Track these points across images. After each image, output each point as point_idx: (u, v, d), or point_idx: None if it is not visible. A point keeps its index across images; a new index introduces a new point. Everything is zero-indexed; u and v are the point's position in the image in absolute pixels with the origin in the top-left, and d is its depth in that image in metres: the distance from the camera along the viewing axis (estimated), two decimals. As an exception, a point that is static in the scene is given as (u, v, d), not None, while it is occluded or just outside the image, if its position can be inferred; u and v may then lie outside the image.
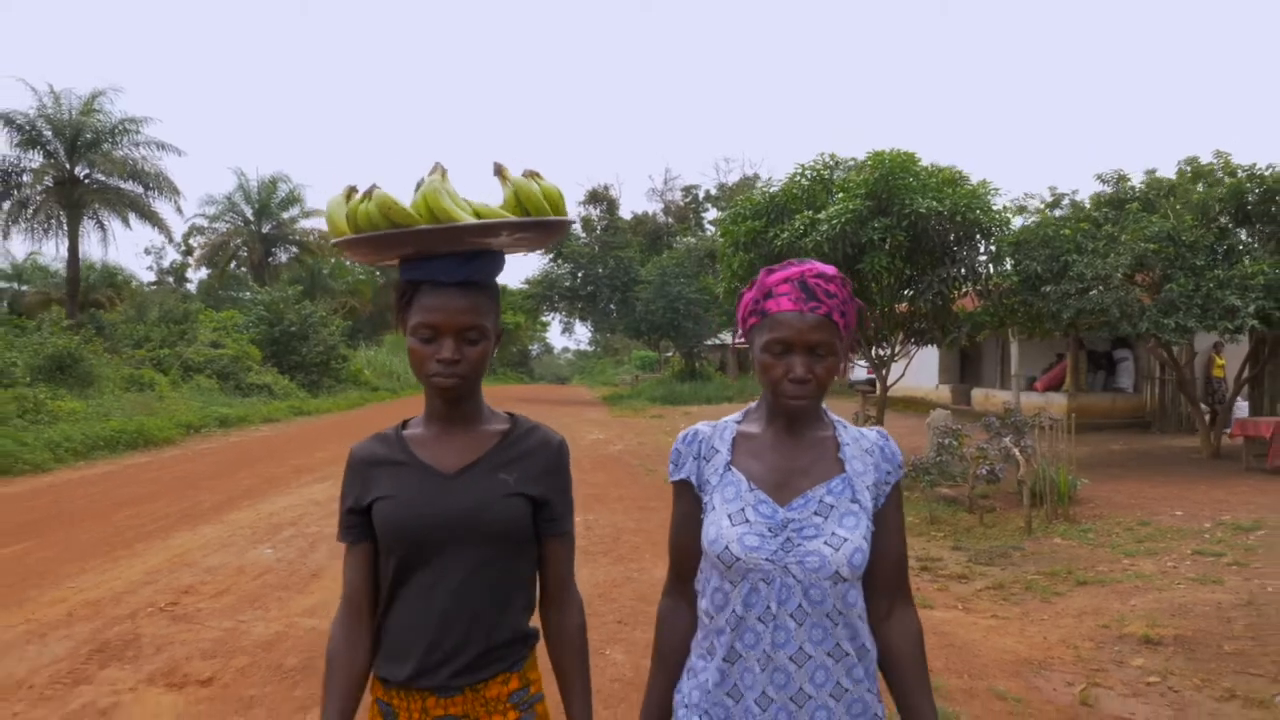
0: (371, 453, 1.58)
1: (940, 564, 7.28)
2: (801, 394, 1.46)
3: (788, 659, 1.45)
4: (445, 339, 1.48)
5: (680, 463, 1.58)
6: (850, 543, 1.44)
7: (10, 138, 23.72)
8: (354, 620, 1.54)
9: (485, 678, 1.52)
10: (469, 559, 1.50)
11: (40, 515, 8.01)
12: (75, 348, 17.49)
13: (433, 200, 1.46)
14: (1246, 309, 10.11)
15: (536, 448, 1.58)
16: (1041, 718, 4.08)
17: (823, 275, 1.50)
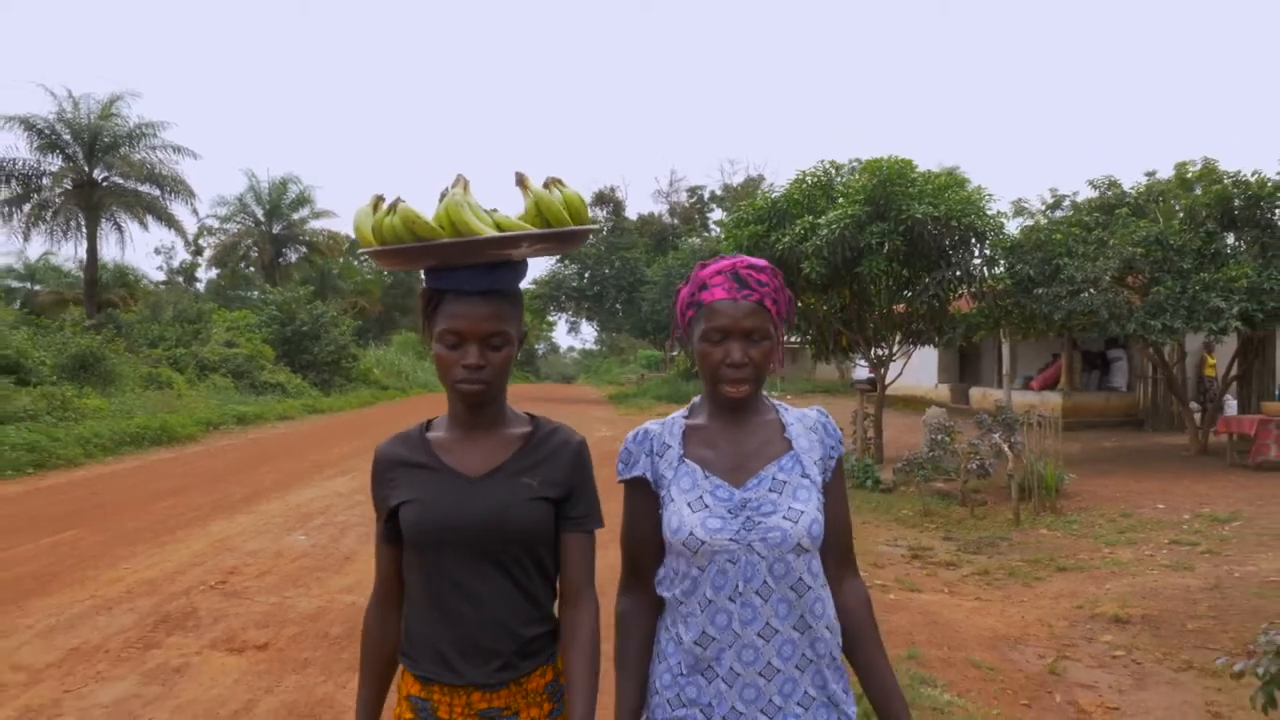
0: (396, 454, 1.62)
1: (931, 553, 7.71)
2: (739, 377, 1.53)
3: (755, 635, 1.50)
4: (470, 345, 1.53)
5: (632, 461, 1.63)
6: (807, 514, 1.51)
7: (30, 141, 24.26)
8: (386, 607, 1.63)
9: (527, 671, 1.57)
10: (499, 561, 1.55)
11: (81, 506, 8.48)
12: (97, 347, 18.00)
13: (455, 214, 1.51)
14: (1230, 310, 10.52)
15: (558, 449, 1.62)
16: (1011, 684, 4.52)
17: (753, 266, 1.57)
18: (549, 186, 1.59)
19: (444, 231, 1.50)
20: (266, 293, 32.29)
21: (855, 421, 12.98)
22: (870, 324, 12.70)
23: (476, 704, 1.55)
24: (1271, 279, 10.71)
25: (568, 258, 33.58)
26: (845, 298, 12.75)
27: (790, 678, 1.51)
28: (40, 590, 5.31)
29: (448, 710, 1.55)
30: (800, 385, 31.25)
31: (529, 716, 1.58)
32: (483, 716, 1.56)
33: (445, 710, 1.56)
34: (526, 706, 1.58)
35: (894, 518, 9.21)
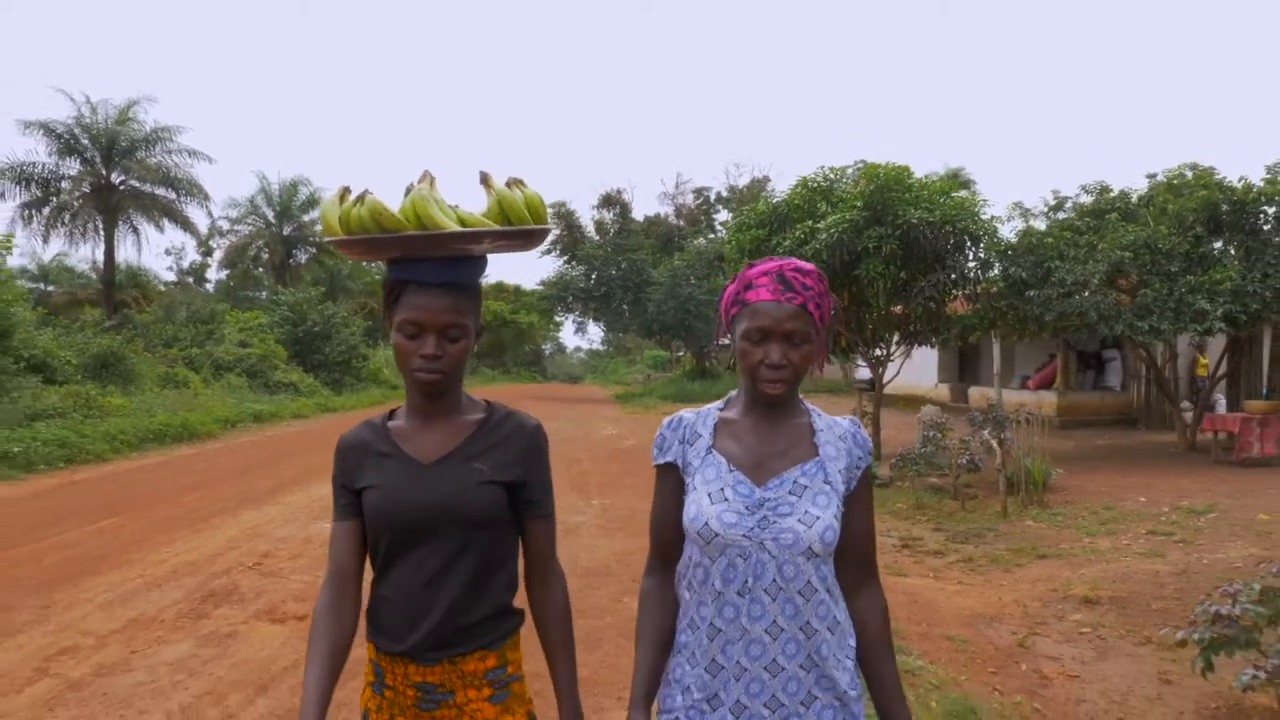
0: (360, 440, 1.69)
1: (920, 542, 8.14)
2: (777, 378, 1.56)
3: (763, 631, 1.53)
4: (428, 336, 1.58)
5: (665, 447, 1.68)
6: (822, 520, 1.53)
7: (50, 146, 24.84)
8: (340, 591, 1.64)
9: (463, 652, 1.61)
10: (448, 543, 1.60)
11: (115, 498, 8.97)
12: (117, 347, 18.53)
13: (420, 208, 1.56)
14: (1215, 312, 10.92)
15: (511, 434, 1.67)
16: (982, 655, 4.94)
17: (800, 270, 1.60)
18: (511, 186, 1.65)
19: (409, 224, 1.55)
20: (277, 293, 32.80)
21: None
22: (869, 325, 13.11)
23: (413, 675, 1.61)
24: (1255, 282, 11.10)
25: (575, 259, 34.03)
26: (844, 299, 13.15)
27: (794, 676, 1.54)
28: (93, 570, 5.78)
29: (392, 678, 1.63)
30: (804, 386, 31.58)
31: (466, 697, 1.63)
32: (419, 689, 1.61)
33: (390, 678, 1.63)
34: (463, 687, 1.62)
35: (888, 510, 9.62)
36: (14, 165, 24.58)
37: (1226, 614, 3.98)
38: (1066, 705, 4.30)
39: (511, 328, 51.73)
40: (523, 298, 50.99)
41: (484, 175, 1.67)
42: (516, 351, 55.44)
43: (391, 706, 1.63)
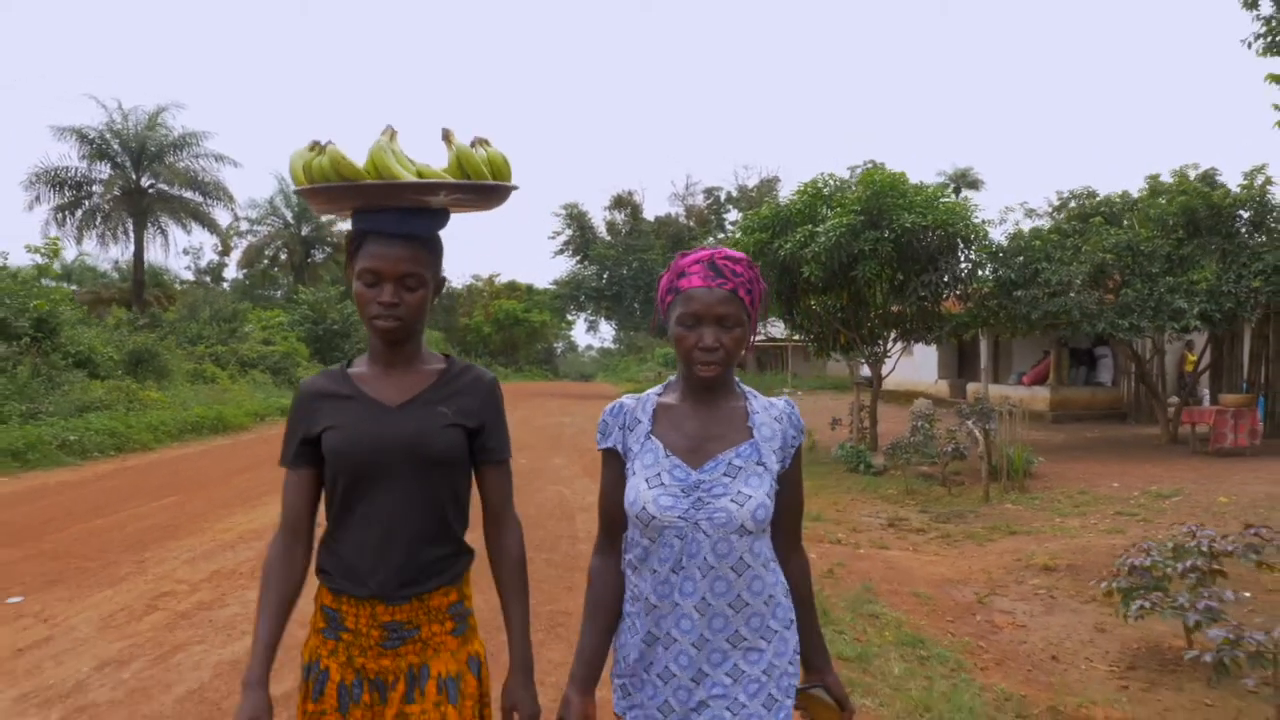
0: (320, 387, 1.73)
1: (906, 522, 8.87)
2: (711, 360, 1.62)
3: (692, 607, 1.60)
4: (386, 284, 1.61)
5: (607, 433, 1.73)
6: (754, 499, 1.60)
7: (82, 150, 25.79)
8: (291, 540, 1.68)
9: (430, 589, 1.66)
10: (410, 483, 1.64)
11: (168, 481, 9.81)
12: (152, 344, 19.44)
13: (378, 159, 1.59)
14: (1191, 311, 11.61)
15: (472, 383, 1.73)
16: (943, 608, 5.69)
17: (730, 258, 1.66)
18: (476, 145, 1.68)
19: (368, 175, 1.60)
20: (297, 292, 33.73)
21: (852, 412, 14.15)
22: (866, 323, 13.84)
23: (380, 616, 1.63)
24: (1230, 282, 11.77)
25: (587, 259, 34.82)
26: (843, 299, 13.88)
27: (719, 649, 1.61)
28: (170, 536, 6.61)
29: (354, 620, 1.64)
30: (811, 382, 32.35)
31: (430, 632, 1.67)
32: (386, 628, 1.64)
33: (352, 621, 1.64)
34: (428, 622, 1.66)
35: (879, 496, 10.35)
36: (48, 169, 25.55)
37: (1140, 565, 4.74)
38: (1009, 646, 5.05)
39: (524, 326, 52.52)
40: (535, 297, 51.79)
41: (445, 132, 1.70)
42: (529, 350, 56.18)
43: (350, 648, 1.64)
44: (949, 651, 4.58)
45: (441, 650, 1.67)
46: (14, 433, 11.12)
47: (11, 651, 4.11)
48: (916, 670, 4.14)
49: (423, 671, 1.64)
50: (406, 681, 1.64)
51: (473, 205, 1.72)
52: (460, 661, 1.68)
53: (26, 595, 5.04)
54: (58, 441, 11.43)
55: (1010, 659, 4.82)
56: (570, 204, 35.38)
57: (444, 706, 1.63)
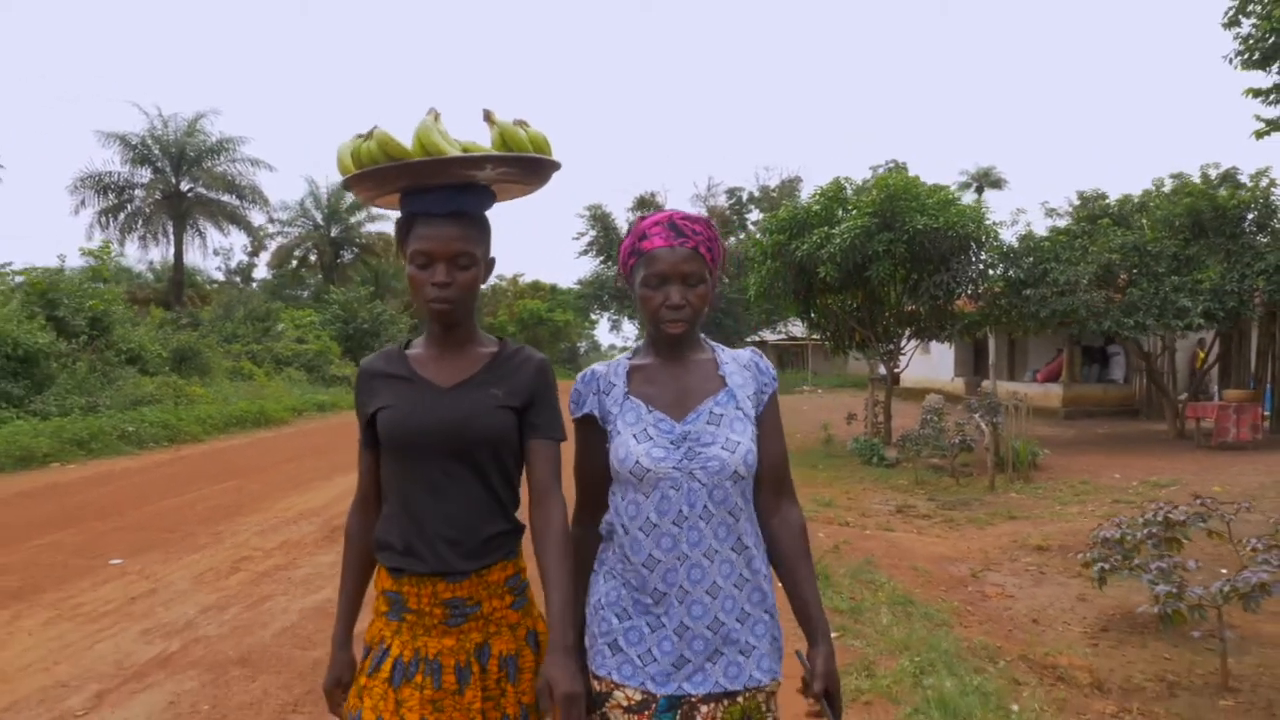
0: (376, 368, 1.77)
1: (913, 509, 9.40)
2: (678, 318, 1.65)
3: (701, 555, 1.61)
4: (438, 264, 1.63)
5: (581, 401, 1.75)
6: (743, 445, 1.64)
7: (124, 155, 26.81)
8: (366, 509, 1.78)
9: (489, 563, 1.68)
10: (466, 461, 1.67)
11: (223, 468, 10.54)
12: (194, 342, 20.31)
13: (424, 136, 1.62)
14: (1195, 310, 12.03)
15: (521, 365, 1.75)
16: (938, 580, 6.24)
17: (688, 217, 1.69)
18: (516, 125, 1.72)
19: (416, 153, 1.63)
20: (328, 292, 34.63)
21: (867, 408, 14.68)
22: (881, 322, 14.35)
23: (442, 593, 1.66)
24: (1233, 281, 12.18)
25: (610, 259, 35.49)
26: (858, 298, 14.40)
27: (730, 595, 1.63)
28: (236, 514, 7.32)
29: (416, 600, 1.67)
30: (831, 380, 32.80)
31: (491, 607, 1.70)
32: (448, 605, 1.66)
33: (414, 601, 1.67)
34: (488, 597, 1.69)
35: (890, 486, 10.88)
36: (93, 174, 26.57)
37: (1111, 538, 5.27)
38: (995, 611, 5.60)
39: (548, 326, 53.22)
40: (559, 296, 52.49)
41: (487, 112, 1.73)
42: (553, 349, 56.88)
43: (413, 629, 1.67)
44: (936, 611, 5.13)
45: (502, 626, 1.70)
46: (78, 424, 11.92)
47: (126, 600, 4.81)
48: (903, 622, 4.71)
49: (484, 650, 1.67)
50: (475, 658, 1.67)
51: (518, 181, 1.75)
52: (519, 638, 1.72)
53: (125, 559, 5.75)
54: (117, 432, 12.22)
55: (994, 621, 5.37)
56: (594, 205, 36.08)
57: (504, 684, 1.67)
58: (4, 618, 4.54)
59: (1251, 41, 6.55)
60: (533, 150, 1.70)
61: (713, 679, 1.62)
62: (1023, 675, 4.25)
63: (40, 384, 13.14)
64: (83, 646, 4.07)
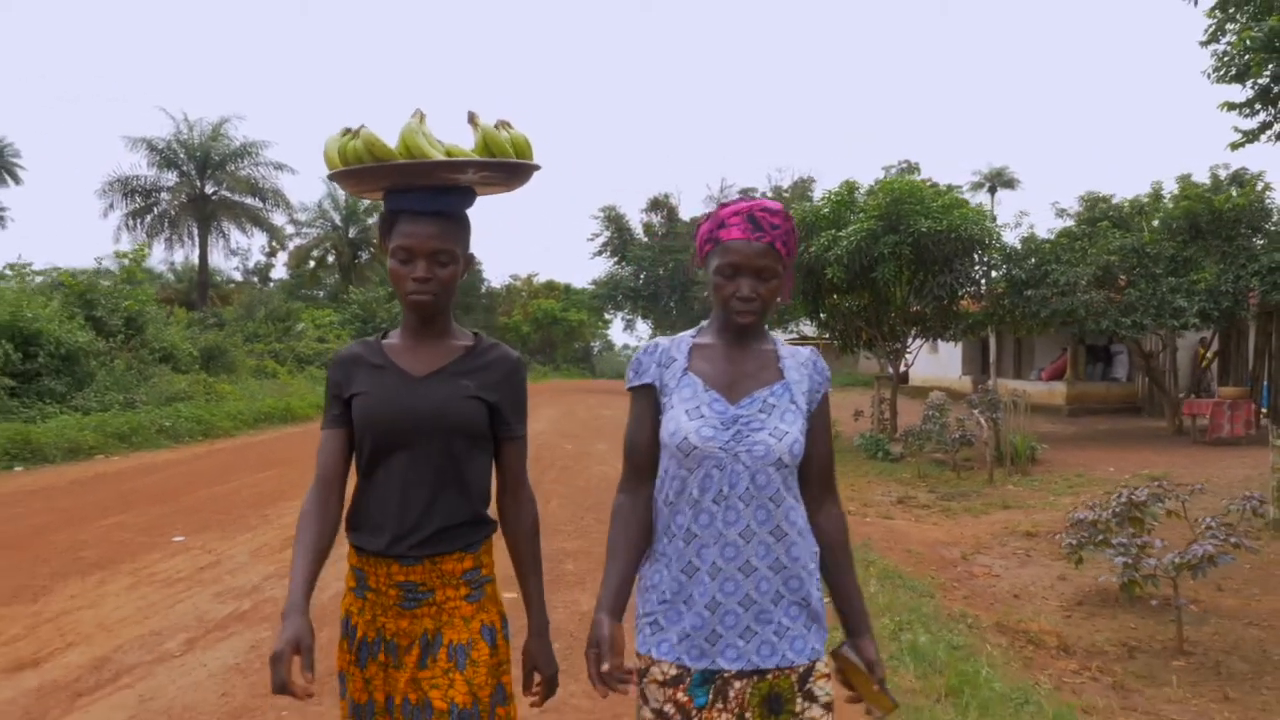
0: (354, 354, 1.82)
1: (914, 499, 9.87)
2: (748, 309, 1.71)
3: (737, 535, 1.67)
4: (419, 260, 1.69)
5: (642, 370, 1.79)
6: (790, 434, 1.69)
7: (150, 160, 27.56)
8: (325, 493, 1.74)
9: (443, 551, 1.72)
10: (433, 449, 1.72)
11: (259, 459, 11.13)
12: (221, 341, 20.97)
13: (409, 139, 1.68)
14: (1191, 310, 12.45)
15: (495, 361, 1.80)
16: (930, 561, 6.72)
17: (768, 209, 1.71)
18: (499, 127, 1.76)
19: (400, 155, 1.68)
20: (346, 292, 35.30)
21: (873, 405, 15.14)
22: (887, 321, 14.81)
23: (395, 575, 1.70)
24: (1228, 282, 12.58)
25: (624, 260, 36.01)
26: (865, 299, 14.86)
27: (765, 576, 1.68)
28: (280, 499, 7.89)
29: (374, 579, 1.72)
30: (843, 379, 33.13)
31: (444, 595, 1.73)
32: (401, 588, 1.71)
33: (373, 579, 1.72)
34: (442, 586, 1.72)
35: (894, 479, 11.34)
36: (121, 178, 27.34)
37: (1085, 520, 5.75)
38: (980, 587, 6.08)
39: (562, 325, 53.71)
40: (573, 296, 53.03)
41: (471, 114, 1.78)
42: (567, 348, 57.34)
43: (374, 607, 1.73)
44: (923, 585, 5.63)
45: (455, 616, 1.73)
46: (119, 419, 12.55)
47: (195, 569, 5.38)
48: (889, 592, 5.21)
49: (436, 638, 1.71)
50: (421, 647, 1.71)
51: (499, 184, 1.83)
52: (473, 630, 1.74)
53: (186, 537, 6.32)
54: (156, 427, 12.85)
55: (977, 595, 5.86)
56: (608, 207, 36.56)
57: (452, 673, 1.69)
58: (92, 583, 5.12)
59: (1226, 58, 6.99)
60: (513, 152, 1.76)
61: (745, 656, 1.68)
62: (995, 637, 4.74)
63: (81, 381, 13.79)
64: (165, 605, 4.64)
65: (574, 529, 7.05)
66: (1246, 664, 4.59)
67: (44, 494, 8.31)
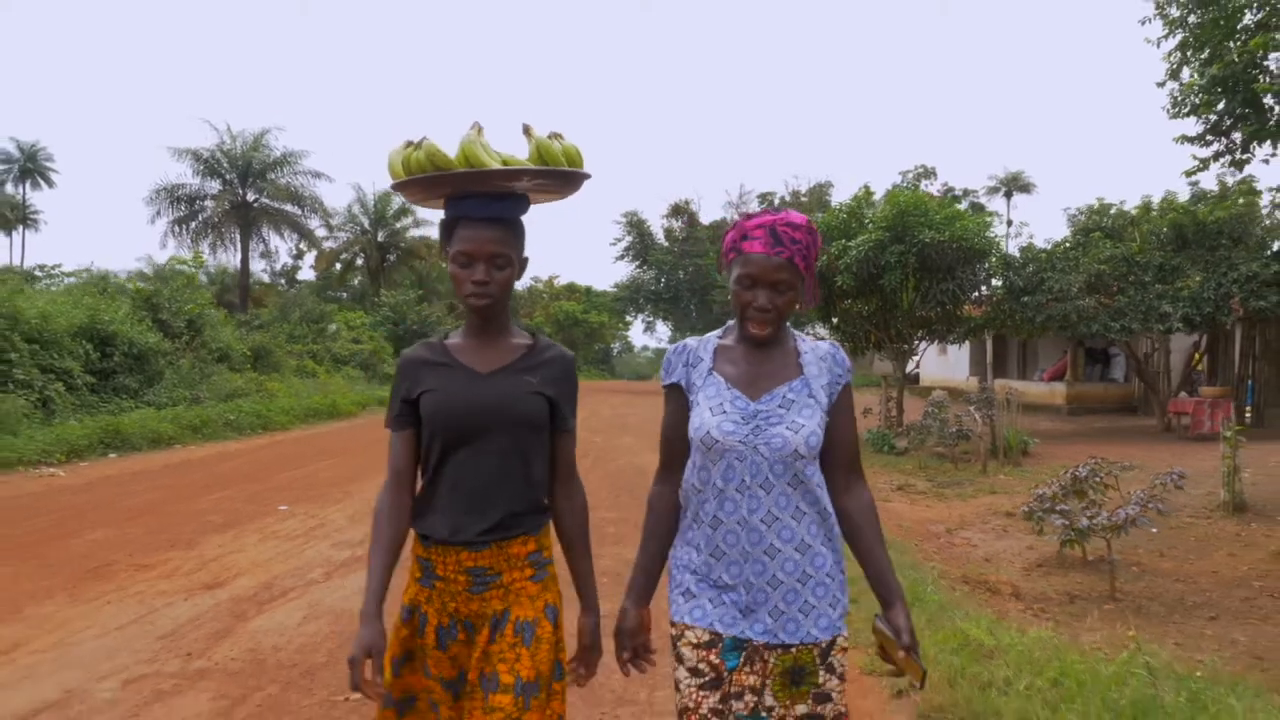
0: (420, 356, 1.95)
1: (913, 487, 10.92)
2: (763, 319, 1.82)
3: (759, 521, 1.80)
4: (478, 264, 1.82)
5: (671, 370, 1.94)
6: (806, 428, 1.80)
7: (195, 169, 28.98)
8: (399, 490, 1.88)
9: (509, 536, 1.84)
10: (499, 441, 1.84)
11: (318, 450, 12.33)
12: (268, 342, 22.27)
13: (469, 150, 1.80)
14: (1175, 315, 13.42)
15: (554, 359, 1.94)
16: (916, 533, 7.79)
17: (791, 224, 1.81)
18: (552, 138, 1.89)
19: (460, 164, 1.81)
20: (377, 294, 36.61)
21: (882, 403, 16.19)
22: (894, 325, 15.85)
23: (465, 561, 1.82)
24: (1210, 289, 13.55)
25: (646, 263, 37.15)
26: (874, 304, 15.91)
27: (790, 557, 1.81)
28: (352, 480, 9.08)
29: (443, 568, 1.84)
30: (858, 380, 34.02)
31: (511, 578, 1.85)
32: (470, 573, 1.83)
33: (442, 568, 1.84)
34: (509, 569, 1.85)
35: (897, 470, 12.39)
36: (167, 186, 28.77)
37: (1045, 494, 6.81)
38: (957, 553, 7.15)
39: (583, 327, 54.83)
40: (594, 298, 54.17)
41: (526, 126, 1.88)
42: (587, 350, 58.42)
43: (442, 595, 1.83)
44: (905, 547, 6.72)
45: (522, 596, 1.84)
46: (190, 413, 13.82)
47: (306, 529, 6.59)
48: (875, 550, 6.30)
49: (504, 616, 1.82)
50: (491, 625, 1.81)
51: (552, 191, 1.93)
52: (538, 608, 1.85)
53: (288, 506, 7.52)
54: (222, 420, 14.11)
55: (954, 559, 6.93)
56: (630, 212, 37.74)
57: (519, 648, 1.79)
58: (229, 538, 6.34)
59: (1180, 97, 8.02)
60: (565, 162, 1.87)
61: (773, 632, 1.80)
62: (959, 586, 5.82)
63: (152, 378, 15.08)
64: (296, 551, 5.83)
65: (612, 503, 8.17)
66: (1163, 608, 5.65)
67: (146, 475, 9.56)
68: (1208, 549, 7.26)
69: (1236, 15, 7.98)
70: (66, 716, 3.17)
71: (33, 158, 57.44)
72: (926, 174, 39.40)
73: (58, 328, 13.30)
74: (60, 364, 12.95)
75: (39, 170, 57.69)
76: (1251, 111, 7.91)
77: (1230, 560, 6.88)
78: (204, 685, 3.51)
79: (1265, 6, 7.97)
